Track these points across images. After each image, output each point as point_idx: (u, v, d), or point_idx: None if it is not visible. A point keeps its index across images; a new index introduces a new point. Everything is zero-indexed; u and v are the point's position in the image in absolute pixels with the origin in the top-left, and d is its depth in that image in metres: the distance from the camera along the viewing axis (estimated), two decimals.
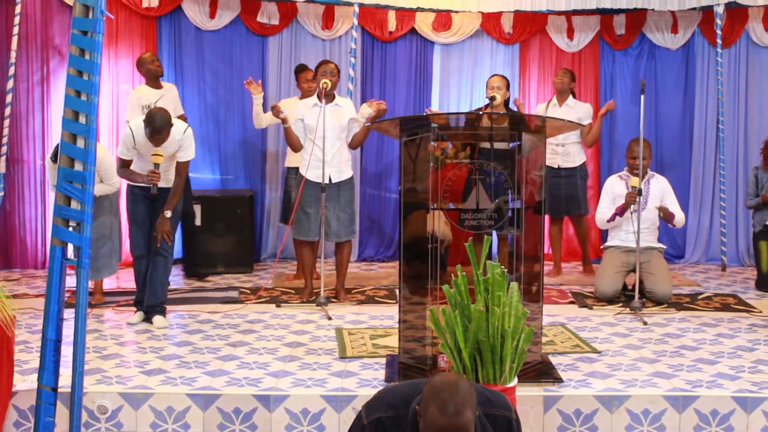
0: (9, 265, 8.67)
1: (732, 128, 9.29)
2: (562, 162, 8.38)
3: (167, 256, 6.53)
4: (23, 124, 8.59)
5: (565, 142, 8.33)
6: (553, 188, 8.36)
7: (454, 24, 9.29)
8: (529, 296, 5.31)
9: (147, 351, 5.87)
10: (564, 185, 8.34)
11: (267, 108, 8.06)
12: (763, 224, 7.97)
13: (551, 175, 8.34)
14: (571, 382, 5.21)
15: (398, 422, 3.28)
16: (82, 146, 4.56)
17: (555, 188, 8.36)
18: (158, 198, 6.43)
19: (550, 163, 8.39)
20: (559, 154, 8.37)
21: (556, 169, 8.38)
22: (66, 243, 4.57)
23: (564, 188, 8.33)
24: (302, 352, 5.87)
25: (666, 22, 9.31)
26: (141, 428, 4.99)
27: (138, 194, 6.50)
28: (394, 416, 3.29)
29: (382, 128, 6.02)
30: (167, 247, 6.49)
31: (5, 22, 8.44)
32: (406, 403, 3.30)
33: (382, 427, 3.29)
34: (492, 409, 3.39)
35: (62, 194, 4.52)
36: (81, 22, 4.54)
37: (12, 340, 4.83)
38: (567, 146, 8.35)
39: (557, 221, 8.60)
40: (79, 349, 4.58)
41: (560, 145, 8.34)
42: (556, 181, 8.36)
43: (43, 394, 4.50)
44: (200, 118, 9.14)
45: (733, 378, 5.35)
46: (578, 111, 8.34)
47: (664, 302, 7.22)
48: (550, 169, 8.36)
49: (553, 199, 8.38)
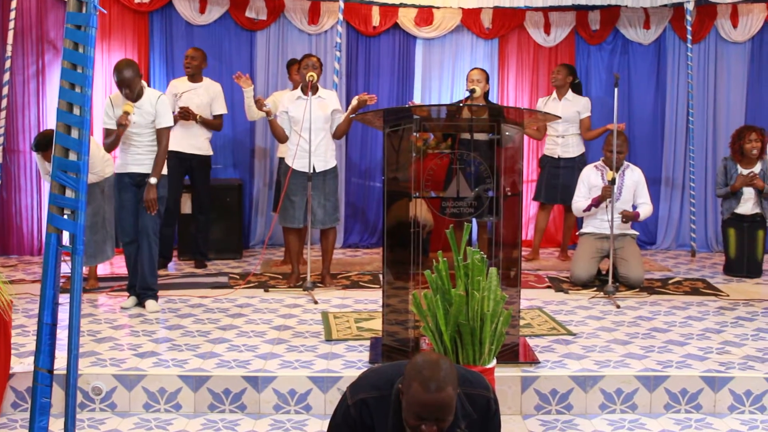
0: (6, 251, 8.64)
1: (701, 120, 9.33)
2: (561, 152, 8.42)
3: (154, 241, 6.48)
4: (19, 116, 8.55)
5: (565, 133, 8.37)
6: (552, 177, 8.41)
7: (435, 19, 9.28)
8: (508, 281, 5.33)
9: (140, 334, 5.86)
10: (562, 174, 8.36)
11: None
12: (731, 212, 8.00)
13: (551, 165, 8.42)
14: (548, 363, 5.24)
15: (382, 402, 3.29)
16: (76, 137, 4.54)
17: (553, 177, 8.41)
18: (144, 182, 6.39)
19: (551, 153, 8.45)
20: (559, 145, 8.41)
21: (556, 159, 8.43)
22: (61, 230, 4.55)
23: (562, 177, 8.36)
24: (289, 335, 5.87)
25: (638, 18, 9.33)
26: (134, 409, 4.99)
27: (126, 182, 6.46)
28: (378, 396, 3.31)
29: (367, 119, 6.01)
30: (155, 233, 6.47)
31: (1, 17, 8.38)
32: (389, 383, 3.31)
33: (366, 408, 3.30)
34: (471, 389, 3.40)
35: (57, 183, 4.50)
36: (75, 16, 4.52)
37: (9, 324, 4.81)
38: (567, 138, 8.39)
39: (547, 208, 8.63)
40: (74, 333, 4.56)
41: (560, 136, 8.38)
42: (554, 171, 8.41)
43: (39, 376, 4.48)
44: None
45: (702, 359, 5.38)
46: (576, 105, 8.39)
47: (637, 286, 7.25)
48: (550, 158, 8.43)
49: (550, 187, 8.43)
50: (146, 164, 6.42)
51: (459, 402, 3.31)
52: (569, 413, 5.03)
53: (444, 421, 3.16)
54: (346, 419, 3.32)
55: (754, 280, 7.80)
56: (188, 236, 8.50)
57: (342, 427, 3.33)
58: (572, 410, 5.03)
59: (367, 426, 3.30)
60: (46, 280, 4.49)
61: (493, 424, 3.46)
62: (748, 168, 7.91)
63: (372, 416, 3.29)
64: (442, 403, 3.11)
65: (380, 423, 3.28)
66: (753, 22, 9.22)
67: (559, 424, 4.88)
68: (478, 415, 3.37)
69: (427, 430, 3.13)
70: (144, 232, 6.42)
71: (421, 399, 3.10)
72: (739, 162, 7.97)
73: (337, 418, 3.37)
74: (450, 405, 3.14)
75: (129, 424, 4.82)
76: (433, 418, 3.13)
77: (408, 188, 5.27)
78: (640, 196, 7.48)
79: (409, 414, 3.15)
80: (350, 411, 3.31)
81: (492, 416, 3.44)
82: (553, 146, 8.46)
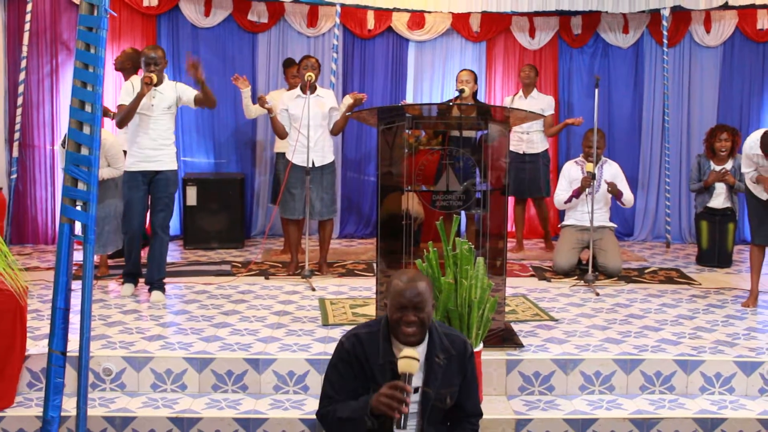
0: (22, 240, 8.62)
1: (676, 119, 9.33)
2: (526, 148, 8.40)
3: (165, 236, 6.44)
4: (34, 113, 8.52)
5: (530, 130, 8.36)
6: (518, 172, 8.38)
7: (427, 23, 9.26)
8: (494, 270, 5.33)
9: (148, 319, 5.85)
10: (528, 170, 8.36)
11: (256, 100, 8.02)
12: (704, 206, 8.01)
13: (516, 161, 8.36)
14: (531, 347, 5.25)
15: (372, 336, 3.49)
16: (88, 132, 4.53)
17: (519, 172, 8.38)
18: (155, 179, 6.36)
19: (516, 149, 8.40)
20: (524, 141, 8.40)
21: (521, 155, 8.40)
22: (73, 221, 4.55)
23: (528, 172, 8.36)
24: (288, 320, 5.87)
25: (618, 23, 9.32)
26: (142, 389, 4.99)
27: (139, 180, 6.33)
28: (368, 332, 3.52)
29: (362, 117, 6.00)
30: (165, 228, 6.43)
31: (17, 20, 8.37)
32: (377, 323, 3.56)
33: (358, 341, 3.48)
34: (451, 331, 3.66)
35: (70, 176, 4.50)
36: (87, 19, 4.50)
37: (25, 309, 4.81)
38: (531, 134, 8.38)
39: (521, 202, 8.63)
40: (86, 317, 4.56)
41: (525, 132, 8.37)
42: (520, 166, 8.39)
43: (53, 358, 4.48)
44: (196, 109, 9.07)
45: (675, 343, 5.40)
46: (541, 102, 8.38)
47: (615, 275, 7.26)
48: (515, 154, 8.38)
49: (518, 182, 8.41)
50: (158, 161, 6.33)
51: (438, 336, 3.53)
52: (551, 394, 5.04)
53: (422, 311, 3.39)
54: (341, 355, 3.50)
55: (724, 269, 7.81)
56: (194, 227, 8.51)
57: (338, 364, 3.50)
58: (554, 391, 5.05)
59: (360, 358, 3.45)
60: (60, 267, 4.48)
61: (471, 364, 3.63)
62: (720, 165, 7.92)
63: (364, 348, 3.46)
64: (417, 290, 3.38)
65: (372, 353, 3.45)
66: (725, 28, 9.22)
67: (542, 404, 4.89)
68: (455, 352, 3.55)
69: (411, 319, 3.38)
70: (157, 228, 6.39)
71: (399, 288, 3.39)
72: (711, 159, 7.97)
73: (333, 359, 3.53)
74: (425, 294, 3.40)
75: (137, 402, 4.83)
76: (412, 306, 3.37)
77: (400, 182, 5.27)
78: (619, 187, 7.47)
79: (393, 309, 3.40)
80: (344, 346, 3.50)
81: (469, 357, 3.61)
82: (518, 143, 8.41)
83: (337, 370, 3.50)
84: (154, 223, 6.40)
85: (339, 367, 3.50)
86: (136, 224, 6.39)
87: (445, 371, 3.51)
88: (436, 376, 3.49)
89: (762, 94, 9.33)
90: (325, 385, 3.55)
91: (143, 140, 6.31)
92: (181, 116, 9.09)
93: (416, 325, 3.39)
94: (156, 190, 6.36)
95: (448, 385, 3.53)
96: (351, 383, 3.46)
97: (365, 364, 3.45)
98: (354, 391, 3.46)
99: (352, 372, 3.46)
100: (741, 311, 6.26)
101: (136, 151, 6.33)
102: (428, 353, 3.49)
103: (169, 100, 6.34)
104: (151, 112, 6.27)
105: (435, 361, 3.48)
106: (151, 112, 6.27)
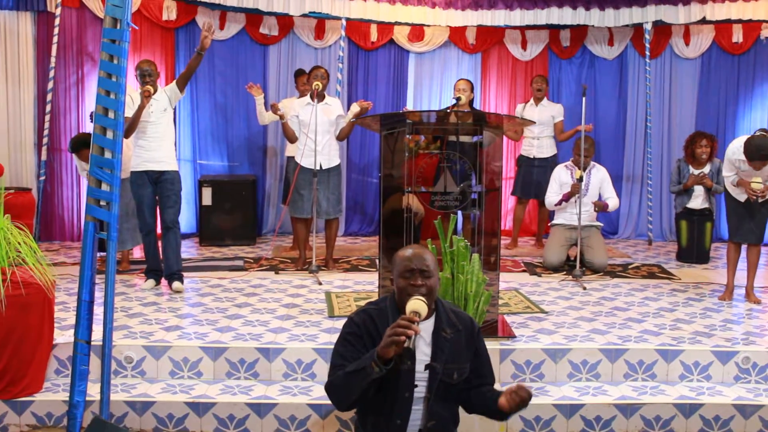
0: (50, 237, 8.61)
1: (658, 126, 9.32)
2: (536, 153, 8.41)
3: (176, 230, 6.46)
4: (61, 119, 8.52)
5: (540, 136, 8.38)
6: (527, 175, 8.40)
7: (426, 36, 9.26)
8: (488, 265, 5.32)
9: (166, 311, 5.85)
10: (536, 173, 8.35)
11: (268, 107, 8.04)
12: (683, 207, 8.01)
13: (527, 164, 8.40)
14: (523, 338, 5.24)
15: (381, 312, 3.34)
16: (111, 137, 4.53)
17: (528, 175, 8.39)
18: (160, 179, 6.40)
19: (527, 153, 8.44)
20: (534, 146, 8.41)
21: (531, 158, 8.42)
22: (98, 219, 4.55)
23: (536, 175, 8.35)
24: (297, 312, 5.87)
25: (604, 36, 9.32)
26: (161, 375, 4.99)
27: (145, 180, 6.40)
28: (377, 309, 3.37)
29: (366, 123, 6.00)
30: (176, 222, 6.45)
31: (47, 33, 8.37)
32: (384, 300, 3.42)
33: (368, 316, 3.34)
34: (456, 308, 3.51)
35: (94, 178, 4.50)
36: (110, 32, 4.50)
37: (52, 301, 4.81)
38: (542, 140, 8.39)
39: (524, 202, 8.62)
40: (109, 309, 4.56)
41: (536, 138, 8.38)
42: (530, 169, 8.40)
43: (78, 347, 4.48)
44: (211, 115, 9.10)
45: (657, 334, 5.39)
46: (551, 110, 8.41)
47: (601, 271, 7.26)
48: (526, 158, 8.43)
49: (525, 183, 8.42)
50: (160, 162, 6.40)
51: (445, 312, 3.38)
52: (541, 381, 5.03)
53: (429, 274, 3.26)
54: (351, 328, 3.34)
55: (702, 265, 7.81)
56: (209, 225, 8.53)
57: (348, 337, 3.33)
58: (544, 378, 5.04)
59: (370, 330, 3.30)
60: (85, 262, 4.48)
61: (480, 341, 3.49)
62: (699, 169, 7.91)
63: (375, 321, 3.31)
64: (422, 253, 3.27)
65: (382, 325, 3.27)
66: (703, 41, 9.21)
67: (533, 391, 4.87)
68: (462, 327, 3.40)
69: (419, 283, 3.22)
70: (168, 224, 6.40)
71: (405, 255, 3.28)
72: (691, 163, 7.96)
73: (343, 333, 3.37)
74: (431, 262, 3.27)
75: (157, 388, 4.82)
76: (418, 269, 3.23)
77: (401, 184, 5.26)
78: (606, 191, 7.47)
79: (400, 277, 3.27)
80: (354, 320, 3.36)
81: (477, 334, 3.47)
82: (529, 147, 8.46)
83: (347, 343, 3.32)
84: (165, 219, 6.43)
85: (349, 340, 3.32)
86: (150, 219, 6.45)
87: (452, 345, 3.34)
88: (443, 351, 3.31)
89: (737, 102, 9.32)
90: (333, 358, 3.35)
91: (145, 143, 6.40)
92: (198, 122, 9.11)
93: (424, 288, 3.24)
94: (162, 189, 6.42)
95: (455, 360, 3.35)
96: (360, 354, 3.26)
97: (376, 336, 3.26)
98: None
99: (362, 344, 3.29)
100: (718, 304, 6.25)
101: (141, 153, 6.43)
102: (435, 327, 3.34)
103: (163, 102, 6.43)
104: (150, 117, 6.37)
105: (442, 335, 3.32)
106: (150, 117, 6.37)
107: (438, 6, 8.86)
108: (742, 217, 6.18)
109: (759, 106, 9.28)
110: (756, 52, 9.20)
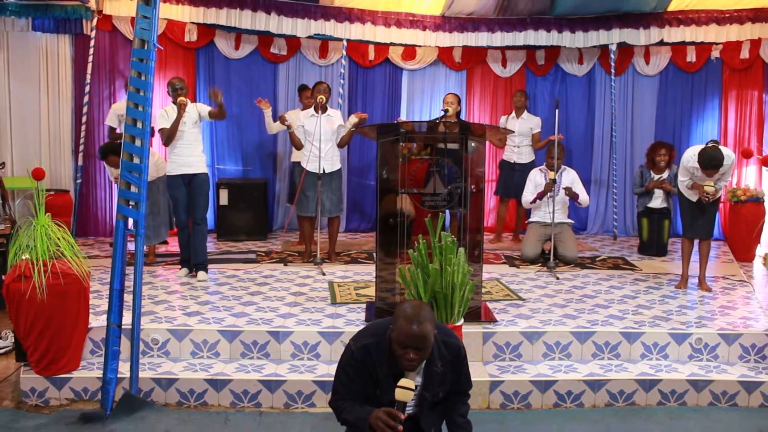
0: (85, 233, 8.60)
1: (622, 135, 9.32)
2: (516, 158, 8.42)
3: (204, 226, 6.50)
4: (95, 129, 8.50)
5: (521, 144, 8.39)
6: (508, 178, 8.42)
7: (417, 55, 9.25)
8: (473, 258, 5.33)
9: (188, 298, 5.85)
10: (516, 176, 8.35)
11: (276, 118, 8.04)
12: (644, 206, 8.01)
13: (508, 168, 8.44)
14: (503, 322, 5.25)
15: (379, 346, 3.26)
16: (139, 145, 4.54)
17: (509, 178, 8.41)
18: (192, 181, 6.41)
19: (508, 158, 8.47)
20: (515, 153, 8.42)
21: (512, 163, 8.44)
22: (127, 217, 4.55)
23: (516, 178, 8.35)
24: (303, 299, 5.87)
25: (574, 55, 9.31)
26: (183, 356, 4.99)
27: (179, 182, 6.43)
28: (376, 342, 3.27)
29: (364, 132, 5.99)
30: (204, 219, 6.48)
31: (83, 53, 8.38)
32: (384, 331, 3.29)
33: (366, 352, 3.26)
34: (447, 338, 3.40)
35: (124, 180, 4.50)
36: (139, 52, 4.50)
37: (88, 290, 4.81)
38: (521, 147, 8.40)
39: (505, 201, 8.63)
40: (137, 296, 4.57)
41: (516, 146, 8.40)
42: (510, 173, 8.42)
43: (110, 330, 4.49)
44: (227, 125, 9.07)
45: (621, 318, 5.40)
46: (530, 122, 8.42)
47: (572, 263, 7.26)
48: (508, 163, 8.46)
49: (507, 185, 8.44)
50: (193, 165, 6.42)
51: (436, 346, 3.30)
52: (519, 360, 5.04)
53: (423, 351, 3.15)
54: (351, 362, 3.28)
55: (660, 258, 7.81)
56: (226, 223, 8.52)
57: (348, 369, 3.28)
58: (522, 358, 5.05)
59: (368, 366, 3.25)
60: (116, 255, 4.49)
61: (464, 366, 3.45)
62: (659, 174, 7.92)
63: (372, 357, 3.25)
64: (421, 335, 3.11)
65: (379, 362, 3.24)
66: (661, 60, 9.22)
67: (512, 368, 4.89)
68: (451, 358, 3.36)
69: (411, 357, 3.12)
70: (198, 220, 6.46)
71: (405, 331, 3.11)
72: (651, 169, 7.97)
73: (343, 362, 3.32)
74: (428, 337, 3.14)
75: (179, 367, 4.82)
76: (414, 346, 3.12)
77: (396, 186, 5.26)
78: (576, 189, 7.46)
79: (397, 345, 3.14)
80: (354, 355, 3.27)
81: (462, 359, 3.43)
82: (511, 153, 8.46)
83: (346, 373, 3.29)
84: (195, 216, 6.46)
85: (348, 371, 3.28)
86: (184, 216, 6.50)
87: (442, 376, 3.34)
88: (433, 382, 3.31)
89: (692, 115, 9.32)
90: (336, 382, 3.34)
91: (180, 150, 6.41)
92: (216, 132, 9.09)
93: (416, 360, 3.16)
94: (193, 189, 6.45)
95: (442, 384, 3.36)
96: (358, 385, 3.27)
97: (372, 371, 3.25)
98: (361, 390, 3.28)
99: (359, 377, 3.27)
100: (674, 292, 6.26)
101: (176, 159, 6.43)
102: (427, 363, 3.29)
103: (194, 116, 6.46)
104: (183, 127, 6.39)
105: (434, 370, 3.30)
106: (183, 127, 6.39)
107: (428, 29, 8.86)
108: (694, 216, 6.20)
109: (710, 118, 9.28)
110: (707, 71, 9.21)
